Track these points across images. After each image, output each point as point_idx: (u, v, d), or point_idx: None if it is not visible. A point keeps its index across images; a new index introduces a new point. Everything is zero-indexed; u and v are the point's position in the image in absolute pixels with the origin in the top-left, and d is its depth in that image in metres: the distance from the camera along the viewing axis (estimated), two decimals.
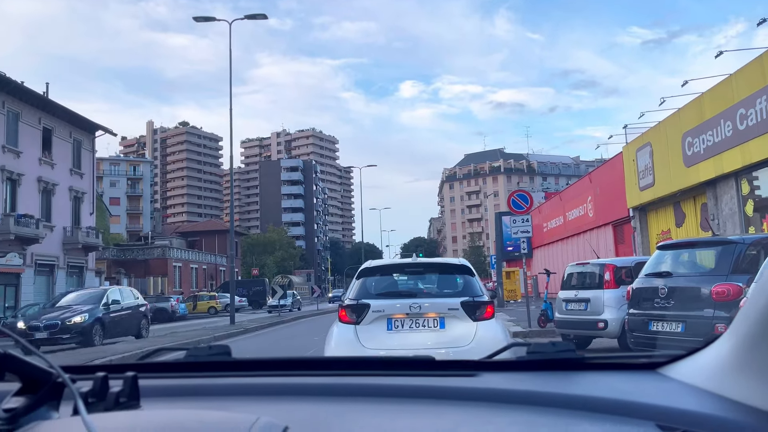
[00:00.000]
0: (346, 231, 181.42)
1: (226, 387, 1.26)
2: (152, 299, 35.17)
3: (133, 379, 1.00)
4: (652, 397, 1.06)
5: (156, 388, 1.20)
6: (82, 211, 35.94)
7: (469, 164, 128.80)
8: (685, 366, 1.20)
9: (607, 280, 9.56)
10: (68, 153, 34.68)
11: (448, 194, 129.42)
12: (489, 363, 1.38)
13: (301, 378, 1.31)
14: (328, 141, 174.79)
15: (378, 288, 5.95)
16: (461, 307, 5.53)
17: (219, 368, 1.40)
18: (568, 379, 1.24)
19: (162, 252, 50.05)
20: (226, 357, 1.48)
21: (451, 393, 1.17)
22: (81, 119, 35.23)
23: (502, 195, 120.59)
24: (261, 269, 79.65)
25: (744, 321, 1.01)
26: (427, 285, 6.30)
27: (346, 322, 5.68)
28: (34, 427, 0.80)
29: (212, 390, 1.24)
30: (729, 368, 1.03)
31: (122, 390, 0.97)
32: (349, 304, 5.73)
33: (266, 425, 0.78)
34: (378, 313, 5.58)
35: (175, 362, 1.43)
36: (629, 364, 1.35)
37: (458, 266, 6.16)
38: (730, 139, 15.94)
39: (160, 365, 1.43)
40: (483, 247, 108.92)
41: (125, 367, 1.19)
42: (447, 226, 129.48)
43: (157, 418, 0.85)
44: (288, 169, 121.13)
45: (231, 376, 1.34)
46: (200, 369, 1.39)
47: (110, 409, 0.94)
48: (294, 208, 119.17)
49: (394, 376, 1.31)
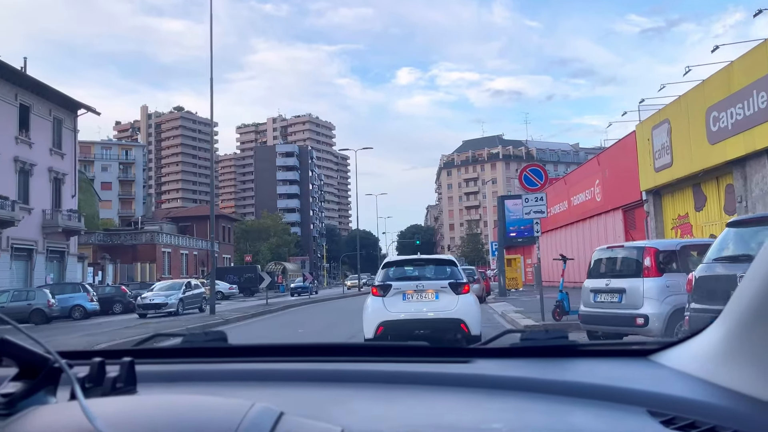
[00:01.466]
0: (343, 218, 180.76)
1: (221, 373, 1.28)
2: (135, 286, 33.52)
3: (130, 365, 1.01)
4: (644, 384, 1.08)
5: (152, 373, 1.22)
6: (63, 193, 34.19)
7: (467, 151, 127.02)
8: (677, 353, 1.20)
9: (647, 267, 7.93)
10: (48, 132, 32.87)
11: (445, 181, 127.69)
12: (483, 350, 1.39)
13: (297, 364, 1.33)
14: (324, 127, 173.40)
15: (396, 274, 9.02)
16: (449, 286, 8.55)
17: (215, 354, 1.42)
18: (561, 365, 1.25)
19: (150, 237, 48.31)
20: (222, 343, 1.49)
21: (445, 379, 1.19)
22: (61, 96, 33.40)
23: (500, 182, 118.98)
24: (255, 256, 78.35)
25: (735, 307, 1.01)
26: (427, 272, 9.17)
27: (377, 296, 8.70)
28: (32, 411, 0.81)
29: (208, 376, 1.26)
30: (720, 355, 1.04)
31: (119, 375, 0.99)
32: (378, 285, 8.81)
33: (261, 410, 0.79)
34: (397, 290, 8.58)
35: (172, 348, 1.47)
36: (621, 351, 1.36)
37: (447, 260, 9.55)
38: (764, 111, 14.34)
39: (156, 351, 1.46)
40: (480, 234, 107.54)
41: (122, 353, 1.17)
42: (444, 213, 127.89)
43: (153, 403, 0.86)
44: (283, 155, 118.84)
45: (227, 362, 1.35)
46: (196, 354, 1.42)
47: (107, 394, 0.95)
48: (289, 194, 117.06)
49: (389, 362, 1.32)
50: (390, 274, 9.03)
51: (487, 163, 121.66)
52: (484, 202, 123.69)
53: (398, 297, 8.55)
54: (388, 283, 8.71)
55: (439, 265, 9.31)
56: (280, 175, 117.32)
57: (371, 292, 8.99)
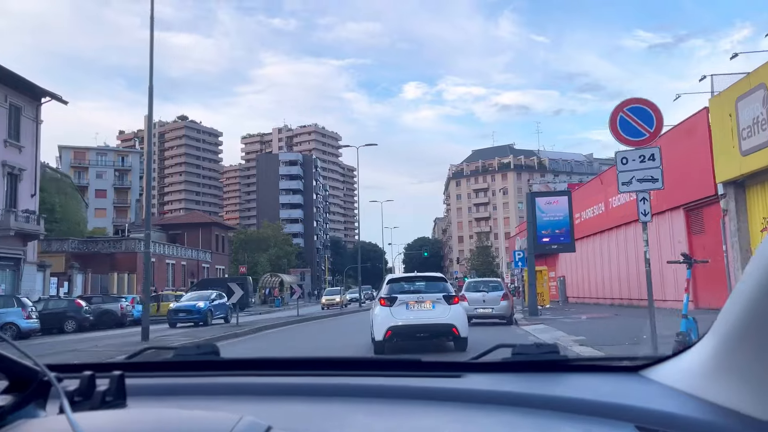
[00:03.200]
0: (349, 231, 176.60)
1: (212, 386, 1.26)
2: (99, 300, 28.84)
3: (120, 378, 1.01)
4: (633, 399, 1.08)
5: (143, 387, 1.22)
6: (20, 191, 29.68)
7: (476, 161, 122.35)
8: (667, 368, 1.20)
9: None
10: (2, 120, 28.49)
11: (454, 192, 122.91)
12: (474, 364, 1.39)
13: (288, 378, 1.32)
14: (330, 137, 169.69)
15: (399, 288, 11.29)
16: (443, 297, 10.85)
17: (206, 367, 1.41)
18: (552, 380, 1.26)
19: (132, 246, 43.71)
20: (213, 356, 1.48)
21: (436, 393, 1.19)
22: (21, 81, 29.02)
23: (511, 192, 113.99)
24: (253, 267, 73.84)
25: (724, 322, 1.00)
26: (424, 287, 11.37)
27: (384, 305, 10.83)
28: (21, 424, 0.81)
29: (198, 389, 1.25)
30: (710, 370, 1.04)
31: (109, 389, 0.98)
32: (385, 297, 10.98)
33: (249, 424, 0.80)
34: (401, 301, 10.79)
35: (162, 361, 1.45)
36: (612, 367, 1.35)
37: (439, 277, 11.97)
38: None
39: (146, 365, 1.44)
40: (491, 247, 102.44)
41: (112, 366, 1.19)
42: (453, 225, 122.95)
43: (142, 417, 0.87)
44: (287, 163, 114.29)
45: (217, 375, 1.34)
46: (187, 368, 1.41)
47: (96, 407, 0.95)
48: (293, 204, 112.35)
49: (381, 376, 1.32)
50: (394, 288, 11.22)
51: (497, 173, 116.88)
52: (494, 213, 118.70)
53: (402, 306, 10.66)
54: (395, 296, 10.85)
55: (434, 282, 11.58)
56: (283, 184, 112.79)
57: (379, 302, 11.04)
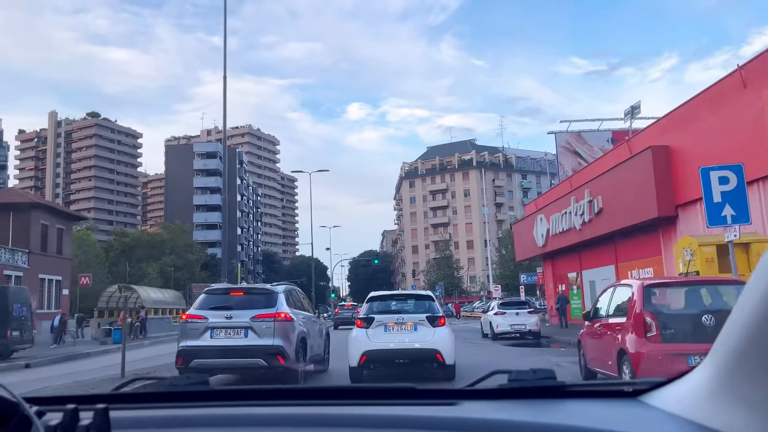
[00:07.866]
0: (288, 246, 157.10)
1: (200, 418, 1.23)
2: None
3: (104, 411, 0.99)
4: (633, 426, 1.07)
5: (128, 419, 1.18)
6: None
7: (433, 158, 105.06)
8: (667, 393, 1.18)
9: None
10: None
11: (407, 194, 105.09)
12: (469, 391, 1.36)
13: (279, 408, 1.30)
14: (267, 141, 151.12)
15: (378, 308, 10.45)
16: (426, 319, 9.98)
17: (193, 398, 1.37)
18: (549, 407, 1.23)
19: None
20: (201, 387, 1.44)
21: (431, 423, 1.15)
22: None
23: (474, 193, 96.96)
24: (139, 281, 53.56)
25: (722, 347, 1.00)
26: (407, 306, 10.61)
27: (360, 327, 10.15)
28: None
29: (186, 421, 1.22)
30: (709, 395, 1.02)
31: (92, 422, 0.96)
32: (362, 317, 10.28)
33: None
34: (379, 322, 10.03)
35: (148, 393, 1.40)
36: (611, 392, 1.33)
37: (425, 295, 10.95)
38: None
39: (132, 396, 1.40)
40: (452, 257, 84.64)
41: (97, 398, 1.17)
42: (406, 233, 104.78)
43: None
44: (203, 155, 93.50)
45: (206, 406, 1.31)
46: (173, 399, 1.37)
47: None
48: (209, 206, 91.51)
49: (373, 405, 1.29)
50: (374, 307, 10.51)
51: (457, 172, 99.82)
52: (454, 218, 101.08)
53: (380, 329, 9.99)
54: (371, 316, 10.17)
55: (418, 300, 10.82)
56: (198, 181, 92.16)
57: (356, 324, 10.55)
